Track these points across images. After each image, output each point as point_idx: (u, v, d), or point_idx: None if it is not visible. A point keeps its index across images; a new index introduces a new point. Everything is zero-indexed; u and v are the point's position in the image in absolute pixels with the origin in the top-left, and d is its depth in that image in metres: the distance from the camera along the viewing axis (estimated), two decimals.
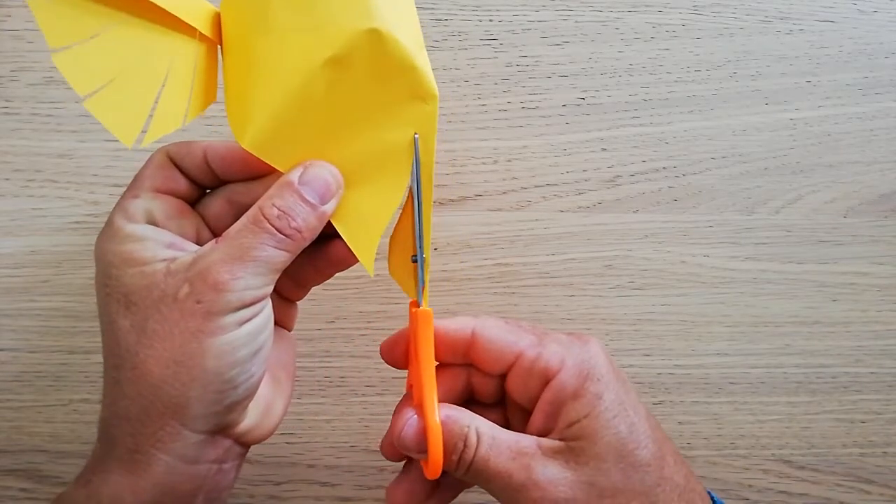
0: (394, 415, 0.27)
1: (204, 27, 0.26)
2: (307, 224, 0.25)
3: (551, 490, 0.24)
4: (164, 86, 0.25)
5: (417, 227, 0.26)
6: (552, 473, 0.25)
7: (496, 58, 0.39)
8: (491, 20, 0.39)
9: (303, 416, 0.37)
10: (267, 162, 0.25)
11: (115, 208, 0.26)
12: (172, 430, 0.24)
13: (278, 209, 0.25)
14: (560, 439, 0.25)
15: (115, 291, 0.24)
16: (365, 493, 0.37)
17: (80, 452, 0.36)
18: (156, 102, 0.25)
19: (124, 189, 0.37)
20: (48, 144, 0.37)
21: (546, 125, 0.38)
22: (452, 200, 0.38)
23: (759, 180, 0.39)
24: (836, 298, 0.39)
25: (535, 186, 0.38)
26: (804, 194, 0.39)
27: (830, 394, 0.38)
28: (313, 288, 0.30)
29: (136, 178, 0.26)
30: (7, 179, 0.37)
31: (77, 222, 0.37)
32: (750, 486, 0.38)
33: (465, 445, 0.25)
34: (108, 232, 0.25)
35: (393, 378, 0.37)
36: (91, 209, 0.37)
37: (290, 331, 0.31)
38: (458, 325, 0.27)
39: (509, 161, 0.38)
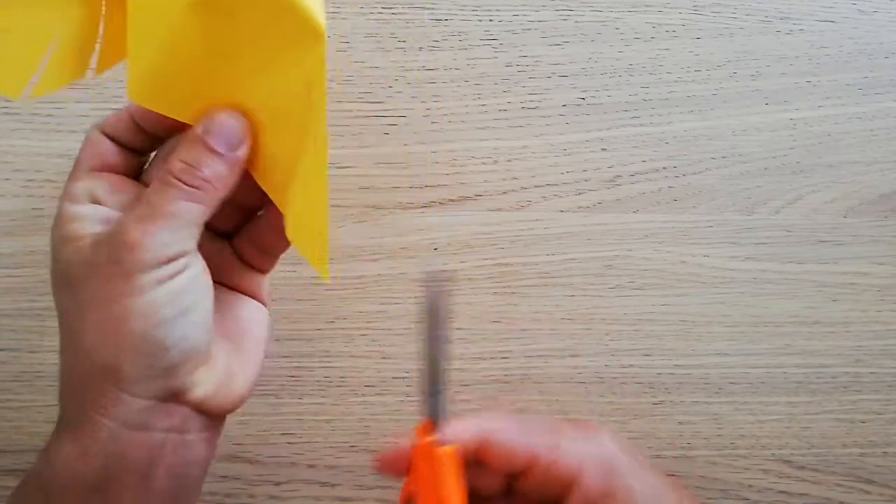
0: None
1: None
2: (216, 173, 0.25)
3: None
4: (58, 40, 0.24)
5: (428, 367, 0.25)
6: None
7: (496, 58, 0.39)
8: (491, 20, 0.39)
9: (303, 416, 0.37)
10: (158, 111, 0.25)
11: (61, 194, 0.26)
12: (113, 396, 0.24)
13: (183, 162, 0.24)
14: None
15: (57, 272, 0.25)
16: (365, 493, 0.37)
17: None
18: (47, 57, 0.24)
19: None
20: (48, 144, 0.37)
21: (546, 125, 0.38)
22: (452, 200, 0.38)
23: (759, 180, 0.39)
24: (836, 298, 0.39)
25: (535, 186, 0.38)
26: (804, 194, 0.39)
27: (830, 394, 0.38)
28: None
29: (77, 161, 0.26)
30: (7, 179, 0.37)
31: None
32: (750, 486, 0.38)
33: None
34: (56, 218, 0.26)
35: (393, 378, 0.37)
36: None
37: (264, 304, 0.30)
38: (465, 431, 0.26)
39: (509, 161, 0.38)
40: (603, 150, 0.39)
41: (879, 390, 0.39)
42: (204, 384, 0.25)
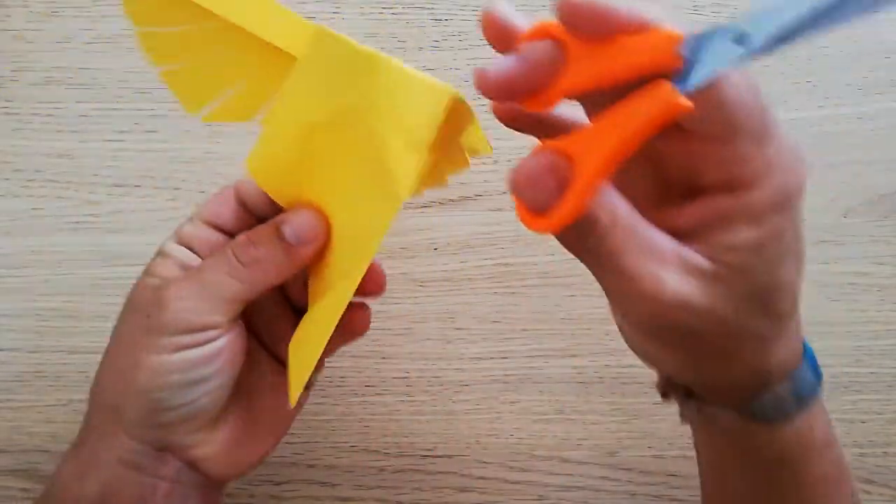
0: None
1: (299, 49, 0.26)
2: (271, 256, 0.25)
3: (677, 312, 0.19)
4: (238, 84, 0.27)
5: None
6: (685, 294, 0.19)
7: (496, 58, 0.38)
8: None
9: (303, 416, 0.37)
10: (262, 188, 0.26)
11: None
12: (113, 431, 0.25)
13: (247, 237, 0.25)
14: (709, 258, 0.19)
15: (128, 294, 0.26)
16: (364, 493, 0.37)
17: None
18: (226, 91, 0.27)
19: (124, 189, 0.38)
20: (48, 144, 0.37)
21: None
22: (452, 200, 0.38)
23: None
24: (836, 298, 0.39)
25: None
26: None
27: (830, 394, 0.38)
28: None
29: (199, 208, 0.27)
30: (7, 179, 0.37)
31: (77, 222, 0.37)
32: None
33: (597, 226, 0.19)
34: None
35: (393, 378, 0.37)
36: (91, 209, 0.37)
37: (307, 388, 0.30)
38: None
39: (509, 161, 0.38)
40: None
41: (879, 390, 0.39)
42: (202, 447, 0.26)
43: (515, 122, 0.24)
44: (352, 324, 0.28)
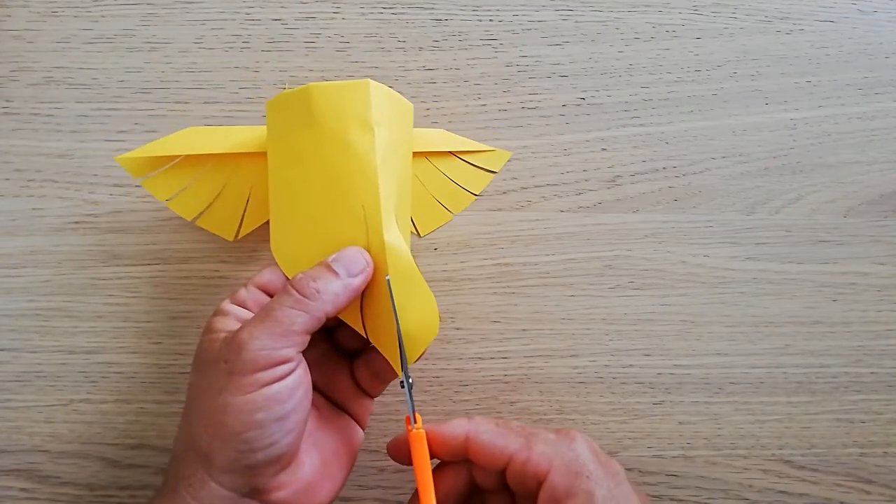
0: None
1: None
2: (327, 288, 0.28)
3: None
4: (250, 194, 0.34)
5: (402, 357, 0.29)
6: None
7: (496, 58, 0.39)
8: (491, 20, 0.39)
9: None
10: (279, 264, 0.31)
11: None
12: (202, 479, 0.26)
13: (305, 274, 0.28)
14: None
15: (195, 355, 0.28)
16: (365, 492, 0.37)
17: (80, 452, 0.36)
18: (246, 205, 0.35)
19: (124, 189, 0.38)
20: (48, 144, 0.37)
21: (546, 125, 0.38)
22: None
23: (759, 180, 0.39)
24: (836, 298, 0.39)
25: (535, 186, 0.38)
26: (804, 194, 0.39)
27: (830, 394, 0.38)
28: None
29: (255, 274, 0.31)
30: (7, 179, 0.37)
31: (77, 222, 0.37)
32: (750, 486, 0.38)
33: None
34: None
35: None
36: (91, 209, 0.37)
37: (362, 427, 0.33)
38: (453, 431, 0.29)
39: (509, 161, 0.38)
40: (603, 150, 0.39)
41: (879, 390, 0.39)
42: (284, 489, 0.27)
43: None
44: None
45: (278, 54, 0.38)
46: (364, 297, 0.30)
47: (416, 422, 0.29)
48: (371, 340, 0.30)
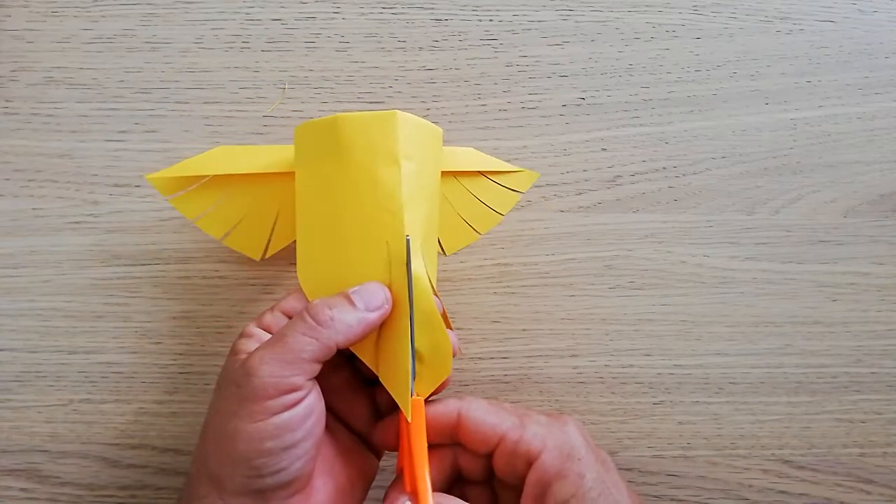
0: (385, 499, 0.28)
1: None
2: (343, 318, 0.27)
3: None
4: (278, 214, 0.34)
5: (410, 320, 0.29)
6: None
7: (496, 58, 0.39)
8: (491, 20, 0.39)
9: None
10: (304, 290, 0.31)
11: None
12: (213, 499, 0.26)
13: (323, 301, 0.28)
14: None
15: (219, 375, 0.28)
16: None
17: (79, 452, 0.36)
18: (274, 225, 0.34)
19: (124, 189, 0.38)
20: (48, 144, 0.37)
21: (546, 125, 0.38)
22: None
23: (759, 180, 0.39)
24: (836, 298, 0.39)
25: (535, 186, 0.38)
26: (804, 194, 0.39)
27: (830, 394, 0.38)
28: None
29: (280, 298, 0.31)
30: (7, 179, 0.37)
31: (77, 222, 0.37)
32: (750, 486, 0.38)
33: None
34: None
35: None
36: (91, 209, 0.37)
37: (378, 458, 0.32)
38: (445, 408, 0.29)
39: (509, 161, 0.38)
40: (603, 150, 0.39)
41: (879, 390, 0.39)
42: None
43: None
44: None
45: (278, 54, 0.38)
46: (380, 334, 0.30)
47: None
48: (381, 379, 0.30)
